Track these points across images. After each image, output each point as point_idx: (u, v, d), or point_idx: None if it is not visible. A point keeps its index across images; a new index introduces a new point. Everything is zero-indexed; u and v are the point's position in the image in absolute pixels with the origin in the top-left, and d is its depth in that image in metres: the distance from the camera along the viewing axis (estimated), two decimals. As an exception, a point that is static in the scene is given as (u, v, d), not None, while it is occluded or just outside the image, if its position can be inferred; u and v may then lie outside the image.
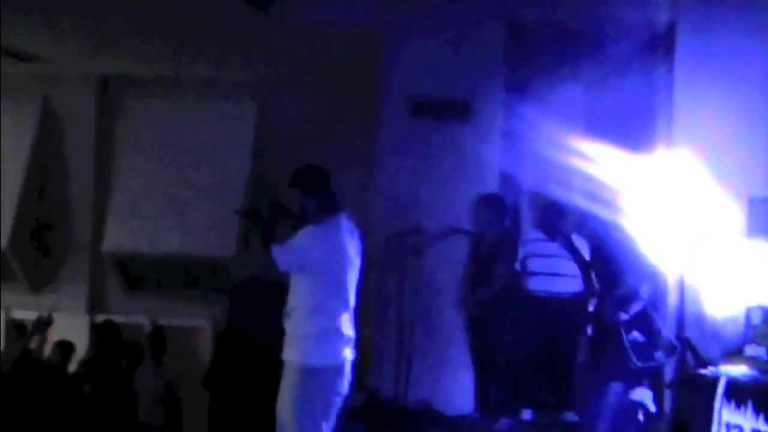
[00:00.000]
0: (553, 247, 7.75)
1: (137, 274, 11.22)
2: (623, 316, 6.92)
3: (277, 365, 5.75)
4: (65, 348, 10.13)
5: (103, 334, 10.79)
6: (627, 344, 6.85)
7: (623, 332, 6.89)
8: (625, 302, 6.96)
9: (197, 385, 9.51)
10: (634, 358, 6.85)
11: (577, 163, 7.83)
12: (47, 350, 10.16)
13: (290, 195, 5.76)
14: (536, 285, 7.77)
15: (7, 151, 11.32)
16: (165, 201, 11.07)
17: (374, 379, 8.26)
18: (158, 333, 10.38)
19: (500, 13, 8.51)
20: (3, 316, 11.35)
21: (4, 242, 10.99)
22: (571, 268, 7.71)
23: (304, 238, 5.63)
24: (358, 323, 5.78)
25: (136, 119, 11.48)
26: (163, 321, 11.15)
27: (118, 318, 11.16)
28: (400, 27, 8.62)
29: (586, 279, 7.66)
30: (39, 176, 11.41)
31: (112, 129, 11.57)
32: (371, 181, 8.78)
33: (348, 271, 5.71)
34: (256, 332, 8.02)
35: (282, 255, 5.60)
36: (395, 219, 8.51)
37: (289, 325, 5.69)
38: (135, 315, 11.24)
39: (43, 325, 10.22)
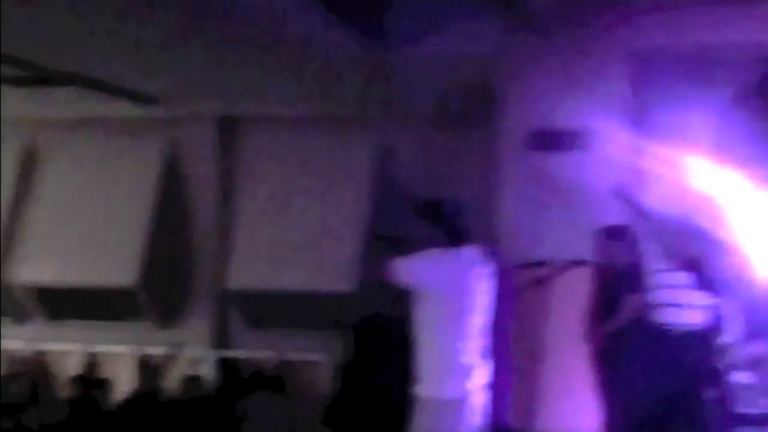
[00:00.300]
0: (681, 278, 7.57)
1: (260, 310, 11.33)
2: (735, 356, 6.68)
3: (403, 401, 5.74)
4: (193, 383, 10.32)
5: (223, 370, 10.98)
6: (729, 386, 6.61)
7: (728, 373, 6.65)
8: (744, 340, 6.72)
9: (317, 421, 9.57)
10: (734, 402, 6.61)
11: (703, 190, 7.64)
12: (175, 385, 10.39)
13: (416, 227, 5.78)
14: (663, 317, 7.59)
15: (131, 191, 11.61)
16: (286, 238, 11.19)
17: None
18: (259, 372, 10.52)
19: (622, 41, 8.41)
20: (132, 352, 11.58)
21: (133, 280, 11.23)
22: (700, 299, 7.51)
23: (424, 258, 5.65)
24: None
25: (256, 158, 11.64)
26: (285, 356, 11.26)
27: (241, 354, 11.33)
28: (518, 57, 8.59)
29: (714, 311, 7.45)
30: (164, 216, 11.64)
31: (234, 168, 11.74)
32: (492, 213, 8.74)
33: (467, 302, 5.67)
34: (382, 367, 8.03)
35: (401, 268, 5.63)
36: (517, 251, 8.45)
37: (414, 358, 5.70)
38: (258, 350, 11.33)
39: (172, 361, 10.50)
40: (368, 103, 10.47)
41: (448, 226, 5.71)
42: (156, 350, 11.34)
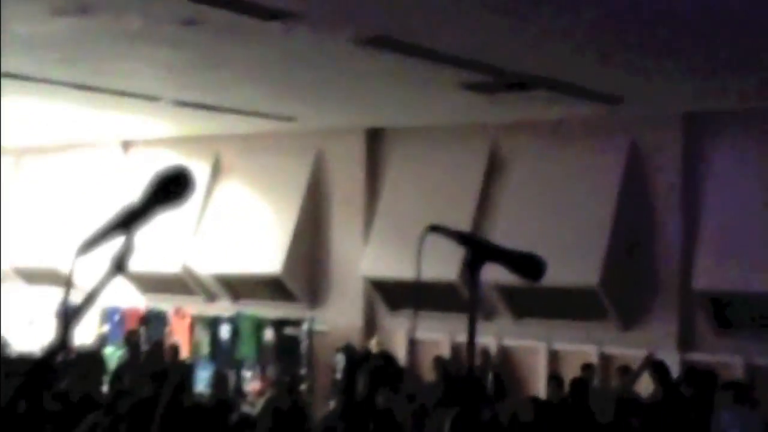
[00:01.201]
0: None
1: (730, 312, 10.89)
2: None
3: None
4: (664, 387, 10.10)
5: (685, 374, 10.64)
6: None
7: None
8: None
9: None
10: None
11: None
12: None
13: None
14: None
15: (595, 192, 11.62)
16: (755, 238, 10.66)
17: None
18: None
19: None
20: (595, 352, 11.63)
21: (596, 280, 11.23)
22: None
23: None
24: None
25: (725, 154, 11.19)
26: (756, 361, 10.75)
27: (709, 357, 10.95)
28: None
29: None
30: (629, 215, 11.54)
31: (701, 166, 11.35)
32: None
33: None
34: None
35: None
36: None
37: None
38: (727, 354, 10.90)
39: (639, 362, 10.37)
40: None
41: None
42: (619, 351, 11.31)
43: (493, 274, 2.91)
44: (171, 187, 1.97)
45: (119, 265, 1.96)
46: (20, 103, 12.59)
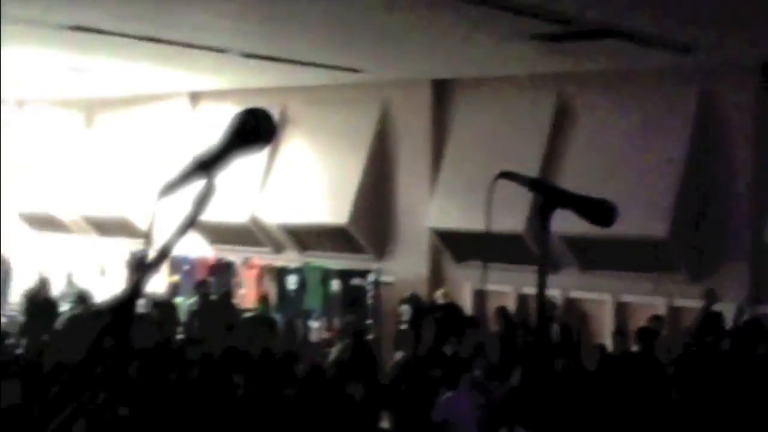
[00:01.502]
0: None
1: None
2: None
3: None
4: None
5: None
6: None
7: None
8: None
9: None
10: None
11: None
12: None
13: None
14: None
15: (665, 141, 11.46)
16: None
17: None
18: None
19: None
20: (665, 304, 11.53)
21: (666, 231, 11.12)
22: None
23: None
24: None
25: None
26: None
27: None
28: None
29: None
30: (698, 167, 11.38)
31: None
32: None
33: None
34: None
35: None
36: None
37: None
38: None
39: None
40: None
41: None
42: (688, 304, 11.20)
43: (561, 224, 2.89)
44: (252, 129, 1.98)
45: (200, 208, 1.99)
46: (91, 57, 12.74)
